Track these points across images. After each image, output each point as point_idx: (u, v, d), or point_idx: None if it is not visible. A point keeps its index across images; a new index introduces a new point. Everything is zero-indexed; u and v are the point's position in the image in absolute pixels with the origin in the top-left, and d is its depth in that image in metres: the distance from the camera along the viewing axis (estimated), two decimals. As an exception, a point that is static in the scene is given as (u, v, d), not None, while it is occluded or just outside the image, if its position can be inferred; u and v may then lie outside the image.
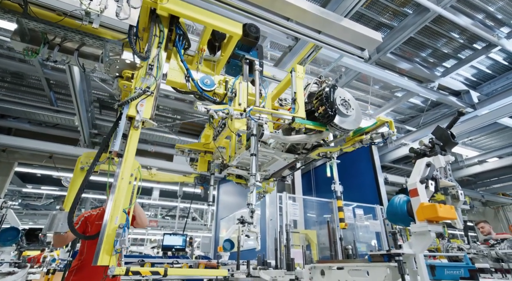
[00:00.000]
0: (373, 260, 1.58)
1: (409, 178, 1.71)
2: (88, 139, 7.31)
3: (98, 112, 7.32)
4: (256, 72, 2.33)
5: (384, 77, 5.76)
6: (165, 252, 7.09)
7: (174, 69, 2.67)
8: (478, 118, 6.29)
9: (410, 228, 1.57)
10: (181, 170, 8.00)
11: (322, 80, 2.37)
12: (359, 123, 2.25)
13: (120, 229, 1.85)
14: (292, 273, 1.93)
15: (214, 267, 4.97)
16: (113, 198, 2.00)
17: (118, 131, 2.27)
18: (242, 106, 2.18)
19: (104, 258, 1.82)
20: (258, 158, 2.08)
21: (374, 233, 7.16)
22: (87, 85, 5.95)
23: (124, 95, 2.67)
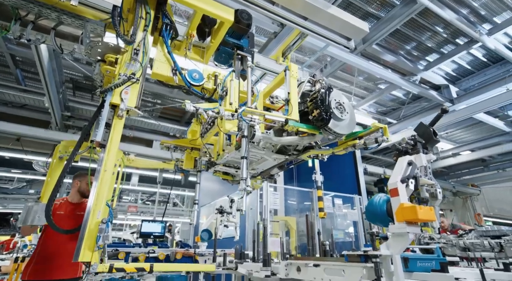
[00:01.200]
0: (349, 259, 1.58)
1: (390, 177, 1.69)
2: (61, 122, 6.95)
3: (71, 93, 6.95)
4: (248, 70, 2.26)
5: (369, 68, 5.87)
6: (145, 240, 7.06)
7: (160, 60, 2.56)
8: (455, 113, 6.63)
9: (388, 228, 1.56)
10: (161, 157, 7.86)
11: (315, 79, 2.35)
12: (353, 127, 2.24)
13: (103, 224, 1.81)
14: (268, 269, 1.92)
15: (191, 256, 5.00)
16: (96, 191, 1.95)
17: (100, 120, 2.18)
18: (234, 105, 2.09)
19: (85, 254, 1.77)
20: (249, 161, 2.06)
21: (352, 221, 7.50)
22: (57, 64, 5.59)
23: (106, 81, 2.55)
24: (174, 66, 2.50)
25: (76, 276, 2.78)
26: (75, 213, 2.93)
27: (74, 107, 7.01)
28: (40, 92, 6.29)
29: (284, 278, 1.84)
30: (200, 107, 2.07)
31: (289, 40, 4.76)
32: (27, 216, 2.18)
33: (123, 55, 2.39)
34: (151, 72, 2.53)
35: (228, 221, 4.25)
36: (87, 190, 3.00)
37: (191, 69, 2.60)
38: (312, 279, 1.69)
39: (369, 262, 1.45)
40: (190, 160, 3.15)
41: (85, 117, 7.41)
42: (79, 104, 6.97)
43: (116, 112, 2.22)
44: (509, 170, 11.22)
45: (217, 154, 2.43)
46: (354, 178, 7.81)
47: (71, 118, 7.24)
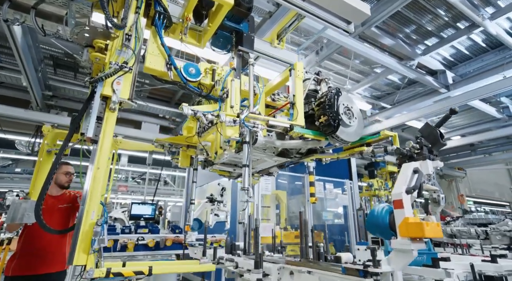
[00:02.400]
0: (347, 273, 1.48)
1: (394, 187, 1.59)
2: (41, 101, 6.64)
3: (52, 71, 6.59)
4: (250, 68, 2.10)
5: (367, 53, 5.76)
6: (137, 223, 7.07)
7: (153, 53, 2.38)
8: (450, 99, 6.68)
9: (391, 242, 1.46)
10: (150, 139, 7.69)
11: (321, 78, 2.26)
12: (360, 134, 2.17)
13: (98, 226, 1.75)
14: (260, 271, 1.85)
15: (181, 242, 5.05)
16: (89, 191, 1.87)
17: (91, 113, 2.07)
18: (235, 109, 1.97)
19: (80, 257, 1.72)
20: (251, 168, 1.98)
21: (342, 206, 7.72)
22: (33, 40, 5.23)
23: (96, 69, 2.40)
24: (169, 60, 2.35)
25: (63, 269, 2.75)
26: (57, 207, 2.84)
27: (56, 86, 6.67)
28: (17, 69, 5.94)
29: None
30: (198, 111, 1.95)
31: (285, 21, 4.56)
32: (15, 213, 2.10)
33: (114, 41, 2.23)
34: (143, 67, 2.38)
35: (219, 210, 4.26)
36: (65, 181, 2.91)
37: (187, 63, 2.45)
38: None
39: (368, 277, 1.38)
40: (186, 158, 3.06)
41: (69, 96, 7.11)
42: (61, 83, 6.63)
43: (108, 104, 2.10)
44: (494, 154, 11.63)
45: (215, 153, 2.35)
46: (345, 163, 7.94)
47: (54, 98, 6.92)
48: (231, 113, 1.89)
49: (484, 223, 4.46)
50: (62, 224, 2.81)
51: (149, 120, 7.87)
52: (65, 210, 2.86)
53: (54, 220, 2.77)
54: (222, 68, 2.63)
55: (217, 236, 5.49)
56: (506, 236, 4.02)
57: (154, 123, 7.90)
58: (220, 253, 2.80)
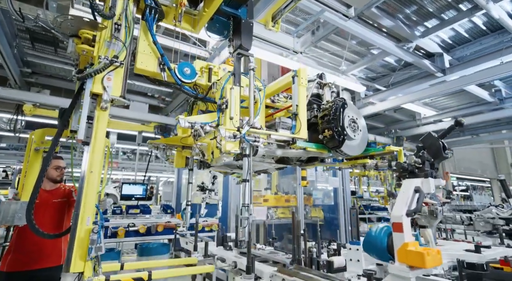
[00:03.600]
0: None
1: (394, 207, 1.51)
2: (20, 78, 6.28)
3: (30, 46, 6.18)
4: (250, 73, 1.97)
5: (365, 35, 5.62)
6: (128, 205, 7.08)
7: (145, 52, 2.22)
8: (446, 84, 6.68)
9: (388, 267, 1.40)
10: (139, 119, 7.54)
11: (324, 82, 2.16)
12: (363, 147, 2.12)
13: (95, 234, 1.72)
14: (251, 277, 1.83)
15: (173, 228, 5.11)
16: (83, 196, 1.82)
17: (81, 112, 1.97)
18: (235, 120, 1.87)
19: (77, 264, 1.71)
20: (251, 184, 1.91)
21: (333, 188, 7.93)
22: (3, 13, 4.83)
23: (83, 61, 2.25)
24: (162, 60, 2.21)
25: (60, 263, 2.75)
26: (51, 201, 2.78)
27: (35, 62, 6.29)
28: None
29: None
30: (196, 122, 1.86)
31: (280, 2, 4.34)
32: (5, 215, 2.04)
33: (102, 31, 2.07)
34: (134, 68, 2.23)
35: (211, 198, 4.27)
36: (56, 175, 2.83)
37: (181, 63, 2.31)
38: None
39: None
40: (181, 158, 2.98)
41: (50, 73, 6.74)
42: (40, 59, 6.25)
43: (99, 103, 1.99)
44: (482, 135, 11.99)
45: (212, 154, 2.26)
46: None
47: (34, 75, 6.55)
48: (231, 127, 1.78)
49: (470, 210, 4.68)
50: (56, 219, 2.78)
51: (137, 99, 7.63)
52: (60, 205, 2.81)
53: (48, 215, 2.73)
54: (219, 66, 2.51)
55: (208, 220, 5.58)
56: (489, 223, 4.25)
57: (143, 102, 7.67)
58: (211, 245, 2.83)
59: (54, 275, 2.70)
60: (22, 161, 13.29)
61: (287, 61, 5.86)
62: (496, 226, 4.16)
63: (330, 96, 2.19)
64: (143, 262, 2.42)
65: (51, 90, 6.84)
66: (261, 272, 1.85)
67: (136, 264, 2.39)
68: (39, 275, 2.63)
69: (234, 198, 5.94)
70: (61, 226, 2.81)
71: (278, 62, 5.71)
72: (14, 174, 12.62)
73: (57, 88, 7.07)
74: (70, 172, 2.65)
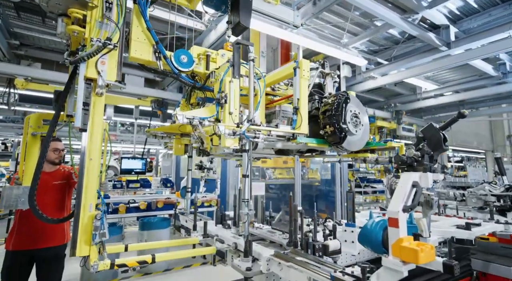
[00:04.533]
0: (335, 280, 1.45)
1: (390, 202, 1.52)
2: (8, 51, 6.05)
3: (16, 16, 5.87)
4: (250, 64, 1.90)
5: (369, 7, 5.37)
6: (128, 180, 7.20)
7: (139, 40, 2.12)
8: (451, 58, 6.51)
9: (382, 260, 1.44)
10: (135, 93, 7.40)
11: (327, 72, 2.08)
12: (365, 141, 2.10)
13: (98, 220, 1.77)
14: (249, 260, 1.90)
15: (172, 204, 5.23)
16: (84, 184, 1.84)
17: (77, 100, 1.93)
18: (234, 116, 1.81)
19: (82, 248, 1.77)
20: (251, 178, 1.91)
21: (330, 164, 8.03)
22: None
23: (74, 42, 2.16)
24: (157, 48, 2.11)
25: (63, 243, 2.85)
26: (52, 183, 2.81)
27: (23, 33, 6.02)
28: (-25, 13, 5.26)
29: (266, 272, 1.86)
30: (195, 117, 1.82)
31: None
32: (8, 200, 2.08)
33: (92, 11, 1.97)
34: (128, 56, 2.14)
35: (209, 177, 4.33)
36: (55, 158, 2.84)
37: (178, 51, 2.21)
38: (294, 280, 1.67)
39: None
40: (180, 146, 2.95)
41: (40, 45, 6.48)
42: (28, 30, 5.97)
43: (94, 88, 1.95)
44: (481, 109, 11.97)
45: (211, 141, 2.24)
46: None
47: (22, 47, 6.30)
48: (230, 123, 1.73)
49: (463, 186, 4.80)
50: (58, 200, 2.84)
51: (133, 72, 7.41)
52: (60, 187, 2.85)
53: (50, 197, 2.78)
54: (217, 52, 2.41)
55: (208, 196, 5.71)
56: (481, 200, 4.38)
57: (138, 75, 7.47)
58: (210, 224, 2.91)
59: (58, 253, 2.81)
60: (19, 133, 13.23)
61: (286, 33, 5.66)
62: (487, 202, 4.30)
63: (332, 86, 2.13)
64: (146, 244, 2.52)
65: (43, 63, 6.63)
66: (258, 254, 1.93)
67: (139, 246, 2.49)
68: (43, 254, 2.74)
69: (233, 175, 6.03)
70: (63, 207, 2.87)
71: (278, 35, 5.51)
72: (14, 147, 12.69)
73: (49, 61, 6.83)
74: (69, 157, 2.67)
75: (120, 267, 1.80)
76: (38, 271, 2.75)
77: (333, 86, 2.14)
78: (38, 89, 6.30)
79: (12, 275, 2.61)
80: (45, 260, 2.76)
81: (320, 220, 3.60)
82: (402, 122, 10.24)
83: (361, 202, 12.11)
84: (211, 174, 4.04)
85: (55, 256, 2.79)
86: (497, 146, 18.56)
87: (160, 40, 2.33)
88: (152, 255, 1.88)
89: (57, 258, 2.82)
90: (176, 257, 2.03)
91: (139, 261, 1.86)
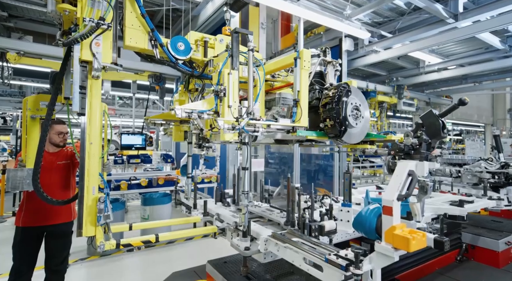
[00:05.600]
0: (329, 262, 1.49)
1: (385, 191, 1.55)
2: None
3: (3, -15, 5.59)
4: (249, 54, 1.83)
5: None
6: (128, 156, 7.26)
7: (133, 27, 2.04)
8: (457, 31, 6.28)
9: (375, 245, 1.49)
10: (132, 68, 7.25)
11: (328, 60, 2.01)
12: (364, 134, 2.08)
13: (102, 203, 1.83)
14: (247, 240, 1.97)
15: (173, 180, 5.35)
16: (86, 167, 1.88)
17: (73, 83, 1.90)
18: (234, 107, 1.78)
19: (88, 229, 1.86)
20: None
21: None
22: None
23: (66, 20, 2.10)
24: (153, 35, 2.03)
25: (70, 220, 2.96)
26: (56, 163, 2.86)
27: (11, 4, 5.76)
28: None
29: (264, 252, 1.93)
30: (193, 110, 1.78)
31: None
32: (13, 182, 2.14)
33: (83, -12, 1.89)
34: (123, 45, 2.07)
35: (208, 155, 4.37)
36: (59, 141, 2.86)
37: (174, 38, 2.13)
38: (291, 260, 1.73)
39: (348, 271, 1.42)
40: (180, 132, 2.92)
41: (29, 17, 6.24)
42: (16, 1, 5.72)
43: (90, 71, 1.92)
44: (485, 83, 11.80)
45: (210, 127, 2.21)
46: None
47: (12, 19, 6.07)
48: (229, 116, 1.66)
49: (460, 163, 4.87)
50: (63, 180, 2.91)
51: (128, 45, 7.21)
52: (64, 167, 2.91)
53: (55, 177, 2.84)
54: (216, 38, 2.32)
55: (207, 172, 5.81)
56: (476, 176, 4.48)
57: (134, 49, 7.27)
58: (210, 202, 3.00)
59: (66, 229, 2.94)
60: (17, 107, 13.12)
61: (287, 5, 5.45)
62: (482, 179, 4.40)
63: (333, 75, 2.09)
64: (150, 223, 2.61)
65: (34, 36, 6.42)
66: (257, 234, 2.01)
67: (143, 225, 2.59)
68: (51, 230, 2.86)
69: (232, 152, 6.09)
70: (68, 186, 2.95)
71: (278, 6, 5.30)
72: (14, 121, 12.68)
73: (40, 33, 6.62)
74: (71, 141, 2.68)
75: (125, 247, 1.89)
76: (47, 246, 2.89)
77: (334, 75, 2.10)
78: (32, 63, 6.17)
79: (24, 249, 2.75)
80: (53, 236, 2.88)
81: (318, 197, 3.71)
82: (404, 97, 10.13)
83: (359, 176, 12.34)
84: (211, 152, 4.08)
85: (63, 233, 2.92)
86: (497, 120, 18.53)
87: (156, 12, 2.26)
88: (156, 235, 1.98)
89: (65, 234, 2.95)
90: (179, 237, 2.13)
91: (144, 241, 1.96)
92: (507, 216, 5.02)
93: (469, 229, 4.36)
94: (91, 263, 4.50)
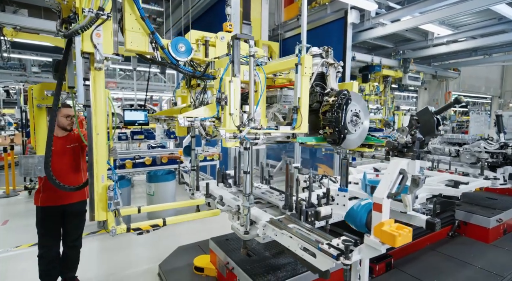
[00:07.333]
0: (321, 250, 1.58)
1: (376, 189, 1.62)
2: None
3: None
4: (250, 59, 1.81)
5: None
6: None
7: (133, 30, 2.03)
8: (470, 3, 5.97)
9: (364, 238, 1.60)
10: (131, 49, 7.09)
11: (330, 62, 1.97)
12: (362, 140, 2.10)
13: (111, 191, 1.96)
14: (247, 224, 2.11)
15: (177, 158, 5.50)
16: (94, 158, 1.98)
17: (77, 75, 1.95)
18: (235, 117, 1.79)
19: (100, 214, 2.01)
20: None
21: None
22: None
23: (65, 9, 2.10)
24: (153, 38, 2.01)
25: (84, 199, 3.17)
26: (66, 147, 2.99)
27: (3, -25, 5.56)
28: None
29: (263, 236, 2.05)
30: (196, 118, 1.80)
31: None
32: (26, 169, 2.26)
33: (81, -23, 1.86)
34: (124, 48, 2.06)
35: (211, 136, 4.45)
36: (67, 124, 2.96)
37: (175, 39, 2.10)
38: (287, 246, 1.86)
39: (338, 260, 1.51)
40: (183, 127, 2.97)
41: (23, -12, 6.02)
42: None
43: (92, 63, 1.95)
44: (495, 55, 11.45)
45: (212, 137, 2.22)
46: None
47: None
48: (230, 125, 1.74)
49: (459, 143, 4.93)
50: (73, 163, 3.07)
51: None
52: (74, 149, 3.06)
53: (66, 160, 3.00)
54: (216, 36, 2.29)
55: (210, 150, 5.95)
56: (474, 156, 4.57)
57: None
58: (212, 184, 3.14)
59: (80, 208, 3.17)
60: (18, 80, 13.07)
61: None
62: (480, 158, 4.49)
63: (335, 78, 2.08)
64: (156, 206, 2.79)
65: (29, 9, 6.26)
66: (256, 218, 2.15)
67: (150, 208, 2.76)
68: (68, 209, 3.07)
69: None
70: (79, 168, 3.12)
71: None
72: (17, 94, 12.70)
73: (36, 6, 6.44)
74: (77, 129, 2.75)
75: (135, 231, 2.05)
76: (64, 224, 3.13)
77: (336, 77, 2.09)
78: (29, 39, 6.08)
79: (46, 225, 3.00)
80: (70, 214, 3.10)
81: (317, 177, 3.83)
82: (409, 71, 9.92)
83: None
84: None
85: (78, 211, 3.16)
86: (505, 92, 18.21)
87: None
88: (163, 219, 2.14)
89: (79, 212, 3.19)
90: (184, 220, 2.29)
91: (152, 225, 2.12)
92: (502, 192, 5.17)
93: (463, 206, 4.52)
94: (102, 237, 4.81)
